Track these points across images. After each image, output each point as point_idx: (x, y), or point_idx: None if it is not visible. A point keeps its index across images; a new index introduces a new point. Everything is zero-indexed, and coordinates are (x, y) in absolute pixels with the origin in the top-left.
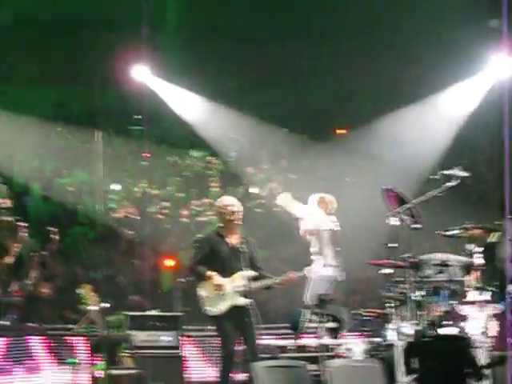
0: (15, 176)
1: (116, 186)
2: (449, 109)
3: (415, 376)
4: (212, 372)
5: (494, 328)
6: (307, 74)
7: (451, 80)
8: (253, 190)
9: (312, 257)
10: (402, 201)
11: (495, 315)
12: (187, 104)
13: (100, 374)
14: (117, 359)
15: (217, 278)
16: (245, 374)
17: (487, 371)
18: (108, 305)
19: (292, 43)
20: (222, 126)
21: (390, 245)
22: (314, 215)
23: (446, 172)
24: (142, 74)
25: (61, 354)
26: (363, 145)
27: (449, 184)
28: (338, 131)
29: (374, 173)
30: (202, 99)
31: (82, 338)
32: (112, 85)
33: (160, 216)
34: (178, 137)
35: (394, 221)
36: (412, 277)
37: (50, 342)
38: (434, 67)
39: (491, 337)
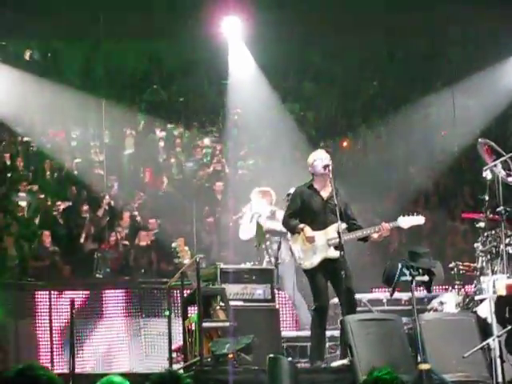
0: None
1: (207, 141)
2: None
3: (509, 329)
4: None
5: None
6: None
7: None
8: (344, 143)
9: None
10: (497, 154)
11: None
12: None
13: (193, 326)
14: (210, 312)
15: (309, 230)
16: (337, 327)
17: None
18: (201, 258)
19: None
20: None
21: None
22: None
23: None
24: (232, 27)
25: (155, 306)
26: None
27: None
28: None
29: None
30: None
31: (175, 290)
32: (203, 38)
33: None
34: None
35: (488, 174)
36: (506, 230)
37: (144, 295)
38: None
39: None
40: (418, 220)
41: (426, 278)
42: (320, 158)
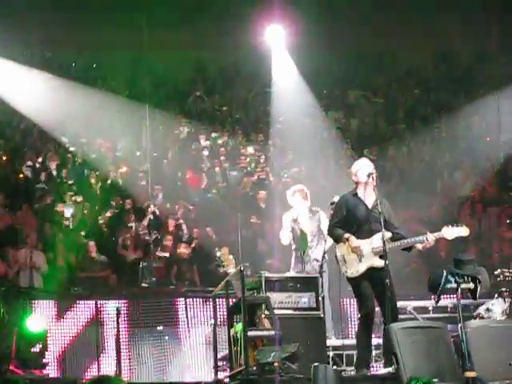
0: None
1: (250, 149)
2: None
3: None
4: (350, 333)
5: None
6: None
7: None
8: (390, 151)
9: None
10: None
11: None
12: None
13: (238, 334)
14: (255, 320)
15: (354, 239)
16: (382, 335)
17: None
18: (246, 266)
19: None
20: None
21: None
22: None
23: None
24: (276, 35)
25: (200, 315)
26: None
27: None
28: None
29: None
30: None
31: (220, 299)
32: (247, 47)
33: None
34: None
35: None
36: None
37: (189, 303)
38: None
39: None
40: (463, 231)
41: (471, 285)
42: (364, 167)
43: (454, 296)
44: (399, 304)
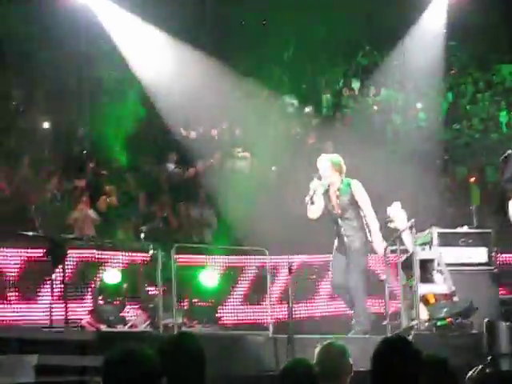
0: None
1: (419, 105)
2: None
3: None
4: None
5: None
6: None
7: None
8: None
9: None
10: None
11: None
12: None
13: (410, 290)
14: (426, 276)
15: None
16: None
17: None
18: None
19: None
20: None
21: None
22: None
23: None
24: None
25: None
26: None
27: None
28: None
29: None
30: None
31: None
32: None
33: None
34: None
35: None
36: None
37: None
38: None
39: None
40: None
41: None
42: None
43: None
44: None
